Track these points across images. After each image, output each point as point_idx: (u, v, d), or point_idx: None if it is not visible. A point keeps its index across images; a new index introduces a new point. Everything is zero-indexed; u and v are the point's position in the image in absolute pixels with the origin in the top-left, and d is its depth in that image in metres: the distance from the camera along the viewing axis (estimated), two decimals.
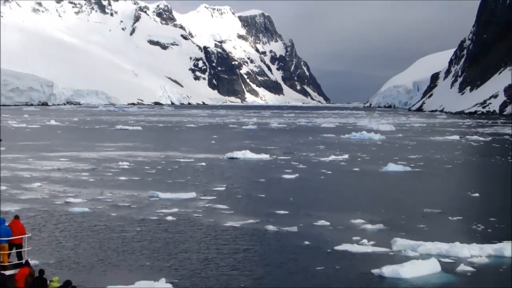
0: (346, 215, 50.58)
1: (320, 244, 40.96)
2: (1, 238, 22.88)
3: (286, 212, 51.98)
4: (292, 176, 76.19)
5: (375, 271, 34.70)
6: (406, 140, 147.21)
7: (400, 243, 39.99)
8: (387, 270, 34.37)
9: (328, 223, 47.21)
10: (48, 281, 22.00)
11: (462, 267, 35.87)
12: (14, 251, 23.72)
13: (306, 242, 41.37)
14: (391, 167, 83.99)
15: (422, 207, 54.99)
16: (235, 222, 47.59)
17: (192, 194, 59.27)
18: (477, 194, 63.27)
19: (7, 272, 22.64)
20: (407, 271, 34.32)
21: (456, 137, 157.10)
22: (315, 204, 56.75)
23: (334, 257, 38.03)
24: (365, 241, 41.40)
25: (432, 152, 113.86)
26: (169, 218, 48.61)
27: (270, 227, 45.74)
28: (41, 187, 63.83)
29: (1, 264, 22.82)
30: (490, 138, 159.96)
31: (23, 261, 23.49)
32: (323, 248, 40.01)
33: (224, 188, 65.12)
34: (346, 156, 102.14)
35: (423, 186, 71.99)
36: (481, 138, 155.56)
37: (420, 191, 68.20)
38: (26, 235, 24.60)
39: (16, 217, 25.29)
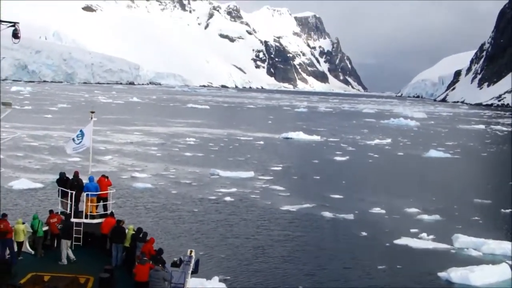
0: (399, 202, 42.12)
1: (377, 236, 32.68)
2: (91, 192, 21.93)
3: (341, 196, 43.54)
4: (343, 158, 67.62)
5: (442, 274, 26.41)
6: (439, 127, 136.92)
7: (462, 240, 31.60)
8: (456, 275, 26.06)
9: (383, 211, 38.73)
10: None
11: None
12: (101, 203, 22.61)
13: (363, 233, 33.11)
14: (433, 153, 75.01)
15: (471, 197, 46.31)
16: (290, 205, 39.42)
17: (251, 174, 51.20)
18: None
19: (95, 221, 21.72)
20: (477, 277, 25.95)
21: (482, 126, 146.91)
22: (368, 189, 48.12)
23: (394, 253, 29.83)
24: (424, 234, 32.97)
25: (465, 140, 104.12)
26: (227, 198, 40.73)
27: (326, 213, 37.46)
28: (112, 160, 56.76)
29: (90, 214, 21.89)
30: None
31: (108, 212, 22.36)
32: (381, 241, 31.73)
33: (280, 168, 56.94)
34: (388, 140, 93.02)
35: (466, 173, 63.15)
36: (504, 128, 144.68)
37: (465, 178, 59.42)
38: (111, 191, 23.16)
39: (103, 175, 23.57)
